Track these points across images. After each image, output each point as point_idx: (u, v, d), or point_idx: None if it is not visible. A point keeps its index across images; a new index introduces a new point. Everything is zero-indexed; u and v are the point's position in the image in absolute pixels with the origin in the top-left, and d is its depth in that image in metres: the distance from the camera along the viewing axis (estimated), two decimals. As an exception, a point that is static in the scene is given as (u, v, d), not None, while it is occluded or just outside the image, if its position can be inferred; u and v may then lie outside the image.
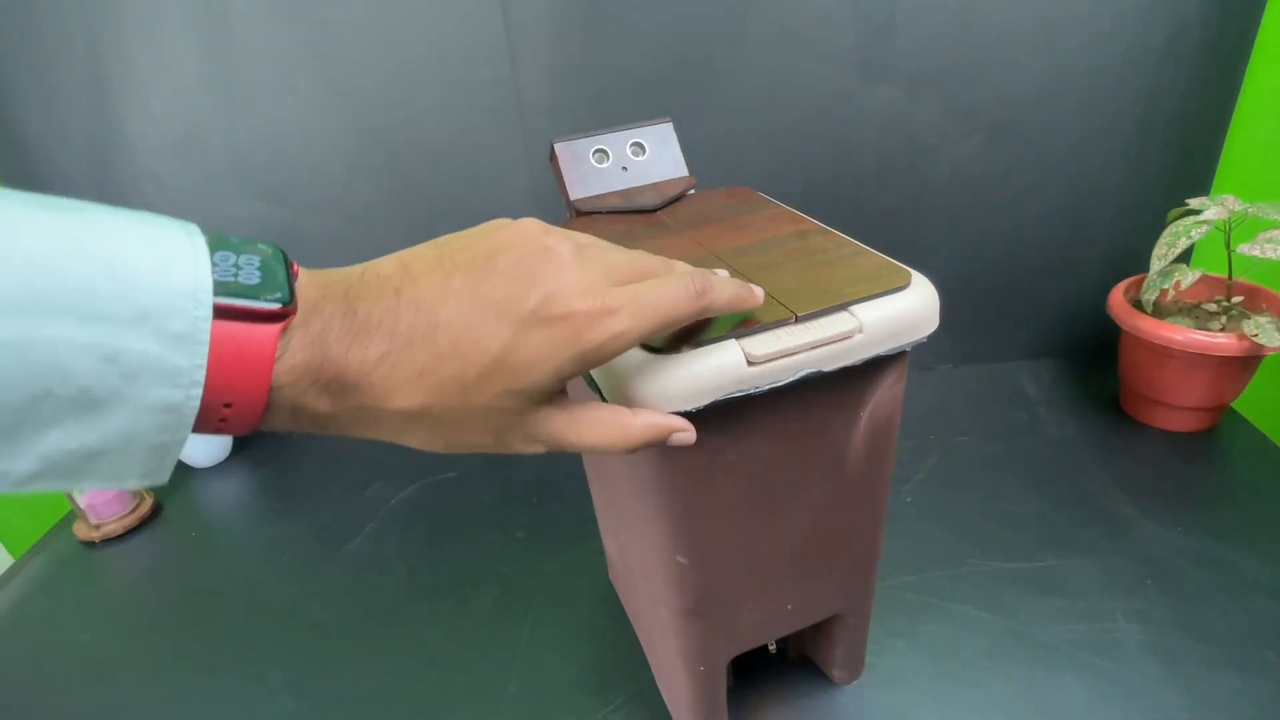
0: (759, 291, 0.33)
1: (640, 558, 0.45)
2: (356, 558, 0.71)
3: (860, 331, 0.34)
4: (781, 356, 0.32)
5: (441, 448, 0.28)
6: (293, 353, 0.24)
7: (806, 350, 0.33)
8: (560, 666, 0.57)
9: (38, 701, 0.59)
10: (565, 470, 0.79)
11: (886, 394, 0.38)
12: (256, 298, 0.23)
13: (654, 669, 0.55)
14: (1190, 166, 0.80)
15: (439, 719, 0.54)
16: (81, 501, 0.76)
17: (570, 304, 0.26)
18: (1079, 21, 0.72)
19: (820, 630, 0.51)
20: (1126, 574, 0.60)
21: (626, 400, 0.32)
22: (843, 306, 0.34)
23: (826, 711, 0.51)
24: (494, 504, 0.76)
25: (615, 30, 0.75)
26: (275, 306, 0.23)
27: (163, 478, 0.24)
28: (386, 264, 0.27)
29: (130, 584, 0.72)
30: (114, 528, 0.76)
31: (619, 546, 0.55)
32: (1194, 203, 0.71)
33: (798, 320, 0.33)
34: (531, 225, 0.28)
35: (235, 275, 0.23)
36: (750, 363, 0.32)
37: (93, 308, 0.21)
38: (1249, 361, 0.70)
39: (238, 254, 0.24)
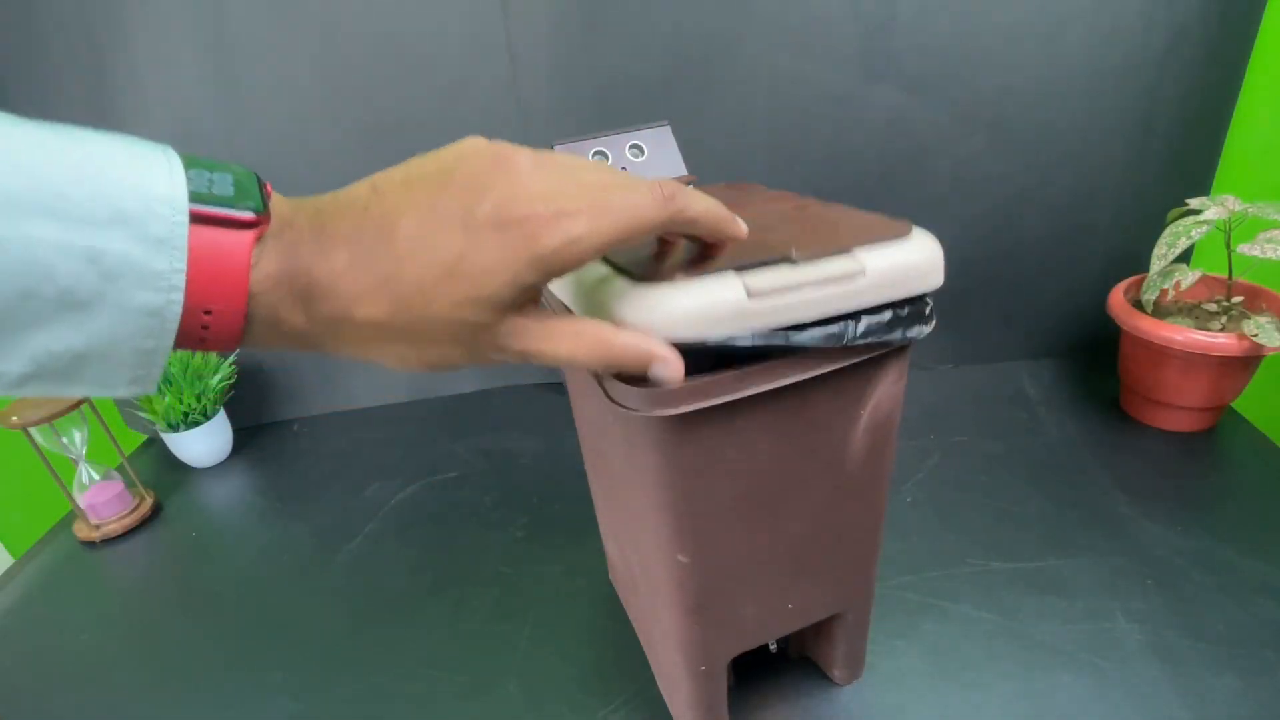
0: (742, 223, 0.31)
1: (641, 557, 0.45)
2: (356, 558, 0.71)
3: (864, 274, 0.33)
4: (783, 291, 0.31)
5: (416, 364, 0.28)
6: (267, 260, 0.25)
7: (809, 288, 0.32)
8: (560, 666, 0.57)
9: (38, 701, 0.59)
10: (565, 470, 0.79)
11: (887, 392, 0.38)
12: (231, 206, 0.24)
13: (654, 668, 0.55)
14: (1190, 166, 0.80)
15: (439, 719, 0.54)
16: (81, 501, 0.76)
17: (523, 208, 0.26)
18: (1079, 22, 0.72)
19: (820, 630, 0.51)
20: (1126, 574, 0.60)
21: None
22: (844, 251, 0.33)
23: (827, 711, 0.51)
24: (494, 504, 0.76)
25: (615, 32, 0.75)
26: (249, 215, 0.25)
27: (150, 386, 0.25)
28: (358, 187, 0.28)
29: (130, 584, 0.72)
30: (114, 528, 0.76)
31: (619, 546, 0.55)
32: (1194, 203, 0.71)
33: (799, 260, 0.32)
34: (498, 143, 0.28)
35: (209, 187, 0.24)
36: (750, 294, 0.31)
37: (70, 209, 0.22)
38: (1249, 361, 0.70)
39: (211, 171, 0.25)
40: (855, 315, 0.34)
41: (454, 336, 0.27)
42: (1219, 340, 0.67)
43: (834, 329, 0.33)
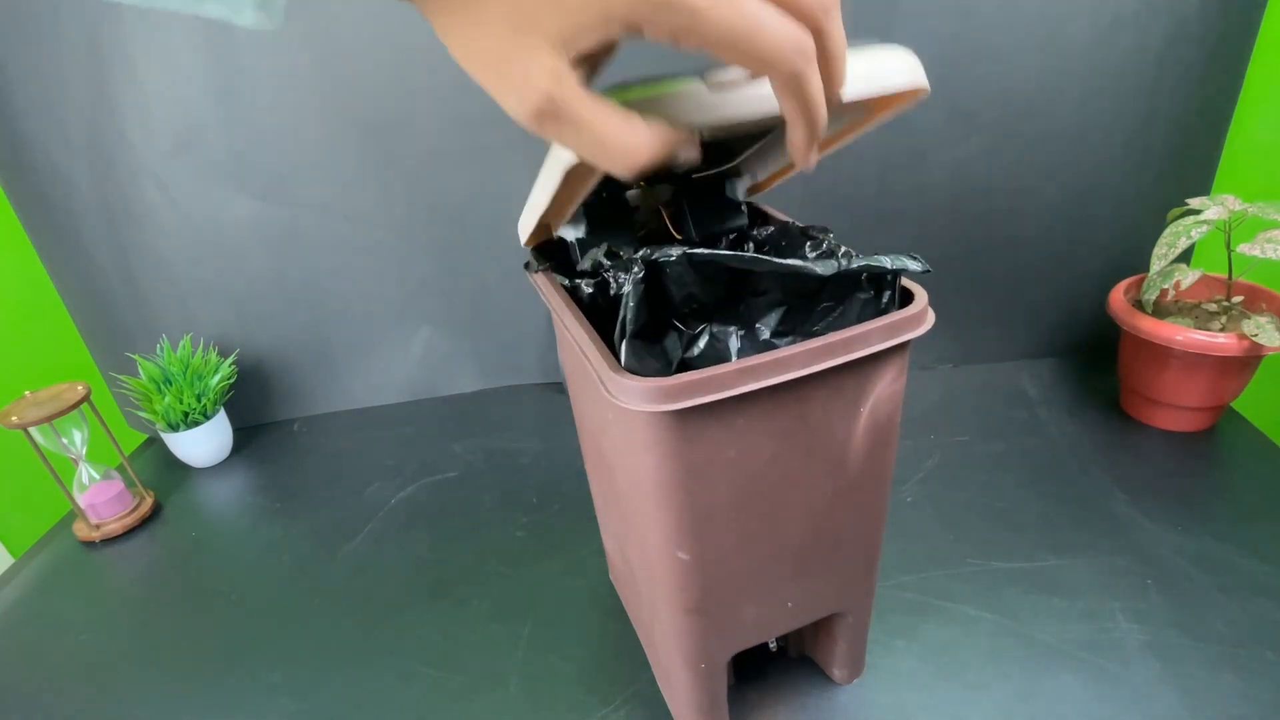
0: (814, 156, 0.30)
1: (641, 556, 0.45)
2: (356, 558, 0.71)
3: None
4: (742, 84, 0.30)
5: (458, 39, 0.27)
6: None
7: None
8: (560, 666, 0.57)
9: (38, 701, 0.59)
10: (565, 470, 0.79)
11: (887, 392, 0.38)
12: None
13: (654, 668, 0.55)
14: (1190, 166, 0.80)
15: (439, 719, 0.54)
16: (81, 501, 0.76)
17: None
18: (1079, 21, 0.72)
19: (820, 629, 0.51)
20: (1126, 574, 0.60)
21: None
22: None
23: (826, 710, 0.51)
24: (494, 504, 0.76)
25: (615, 30, 0.75)
26: None
27: (276, 17, 0.25)
28: None
29: (130, 584, 0.72)
30: (114, 528, 0.76)
31: (619, 545, 0.55)
32: (1194, 202, 0.71)
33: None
34: None
35: None
36: (710, 87, 0.30)
37: None
38: (1249, 361, 0.70)
39: None
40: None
41: (507, 24, 0.25)
42: (1219, 340, 0.68)
43: None
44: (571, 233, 0.46)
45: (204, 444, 0.86)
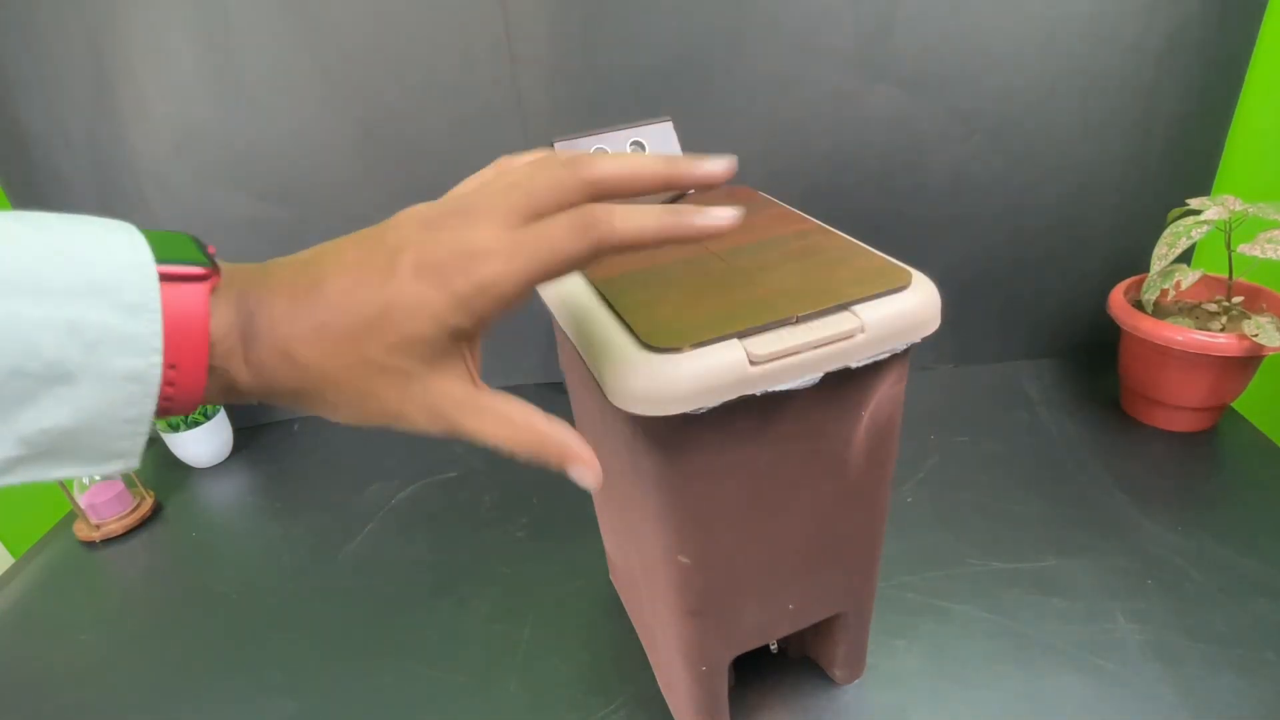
0: (713, 215, 0.29)
1: (642, 558, 0.45)
2: (356, 558, 0.71)
3: (862, 331, 0.34)
4: (783, 356, 0.32)
5: (353, 416, 0.29)
6: (221, 311, 0.26)
7: (809, 350, 0.33)
8: (560, 666, 0.57)
9: (38, 701, 0.59)
10: (565, 470, 0.79)
11: (888, 394, 0.38)
12: (187, 263, 0.25)
13: (655, 669, 0.55)
14: (1190, 166, 0.80)
15: (439, 719, 0.54)
16: (81, 501, 0.76)
17: (440, 254, 0.27)
18: (1079, 21, 0.72)
19: (821, 630, 0.51)
20: (1126, 574, 0.60)
21: (626, 397, 0.32)
22: (844, 306, 0.34)
23: (827, 711, 0.51)
24: (494, 504, 0.76)
25: (615, 30, 0.75)
26: (203, 269, 0.25)
27: (134, 460, 0.26)
28: (304, 251, 0.30)
29: (130, 584, 0.72)
30: (114, 528, 0.76)
31: (620, 546, 0.55)
32: (1194, 203, 0.71)
33: (798, 321, 0.33)
34: (432, 204, 0.30)
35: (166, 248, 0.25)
36: (752, 362, 0.32)
37: (45, 284, 0.22)
38: (1249, 361, 0.70)
39: (161, 236, 0.26)
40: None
41: (388, 387, 0.28)
42: (1219, 340, 0.67)
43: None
44: None
45: (204, 444, 0.86)
